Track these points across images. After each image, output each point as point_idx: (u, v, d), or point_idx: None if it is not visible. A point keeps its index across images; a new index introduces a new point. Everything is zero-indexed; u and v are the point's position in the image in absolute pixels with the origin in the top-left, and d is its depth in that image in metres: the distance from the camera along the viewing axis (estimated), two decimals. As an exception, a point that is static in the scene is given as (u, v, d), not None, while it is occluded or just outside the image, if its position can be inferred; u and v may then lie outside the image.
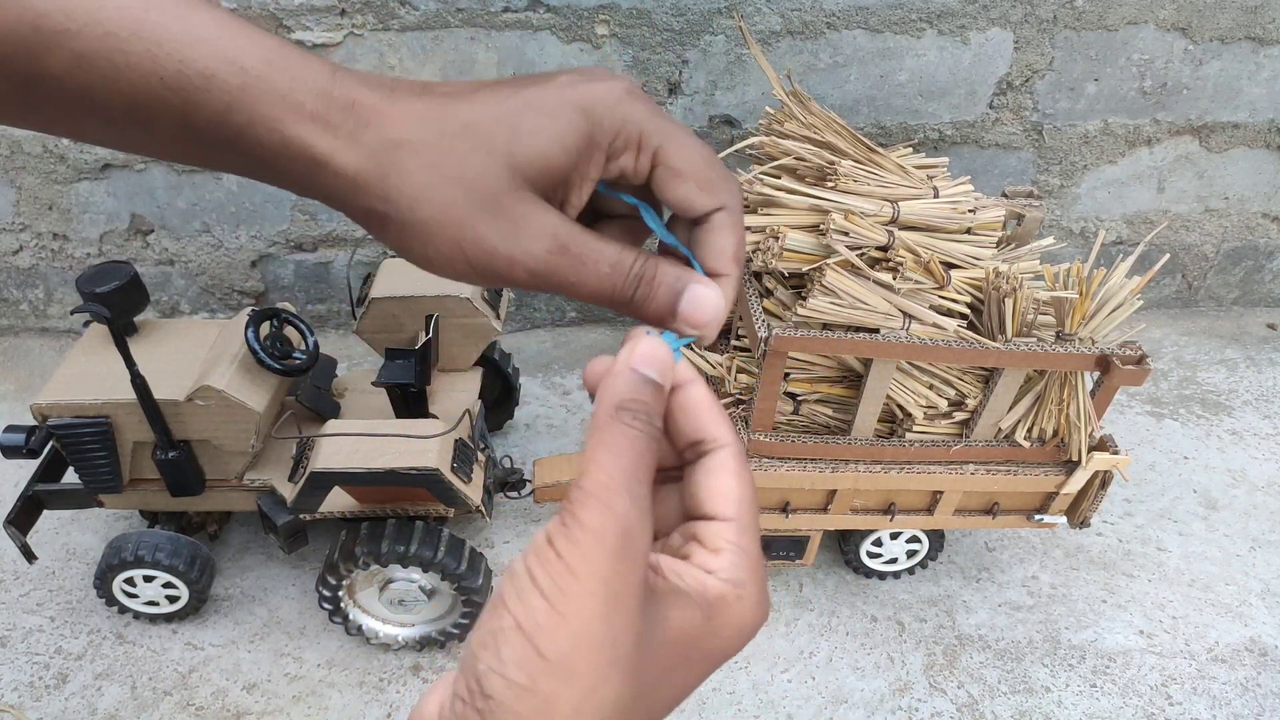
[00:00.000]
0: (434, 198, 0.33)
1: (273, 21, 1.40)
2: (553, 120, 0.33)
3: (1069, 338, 0.99)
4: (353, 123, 0.33)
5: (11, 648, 1.19)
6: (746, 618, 0.32)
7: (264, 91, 0.32)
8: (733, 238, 0.35)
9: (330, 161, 0.32)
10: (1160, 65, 1.59)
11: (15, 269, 1.68)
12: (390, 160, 0.33)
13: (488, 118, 0.33)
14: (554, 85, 0.33)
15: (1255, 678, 1.22)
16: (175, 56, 0.31)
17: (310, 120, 0.32)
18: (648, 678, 0.29)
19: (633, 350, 0.33)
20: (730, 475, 0.33)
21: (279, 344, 1.09)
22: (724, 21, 1.45)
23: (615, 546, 0.29)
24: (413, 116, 0.33)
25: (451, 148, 0.33)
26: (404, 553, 1.07)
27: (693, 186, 0.35)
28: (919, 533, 1.24)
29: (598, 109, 0.33)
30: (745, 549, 0.32)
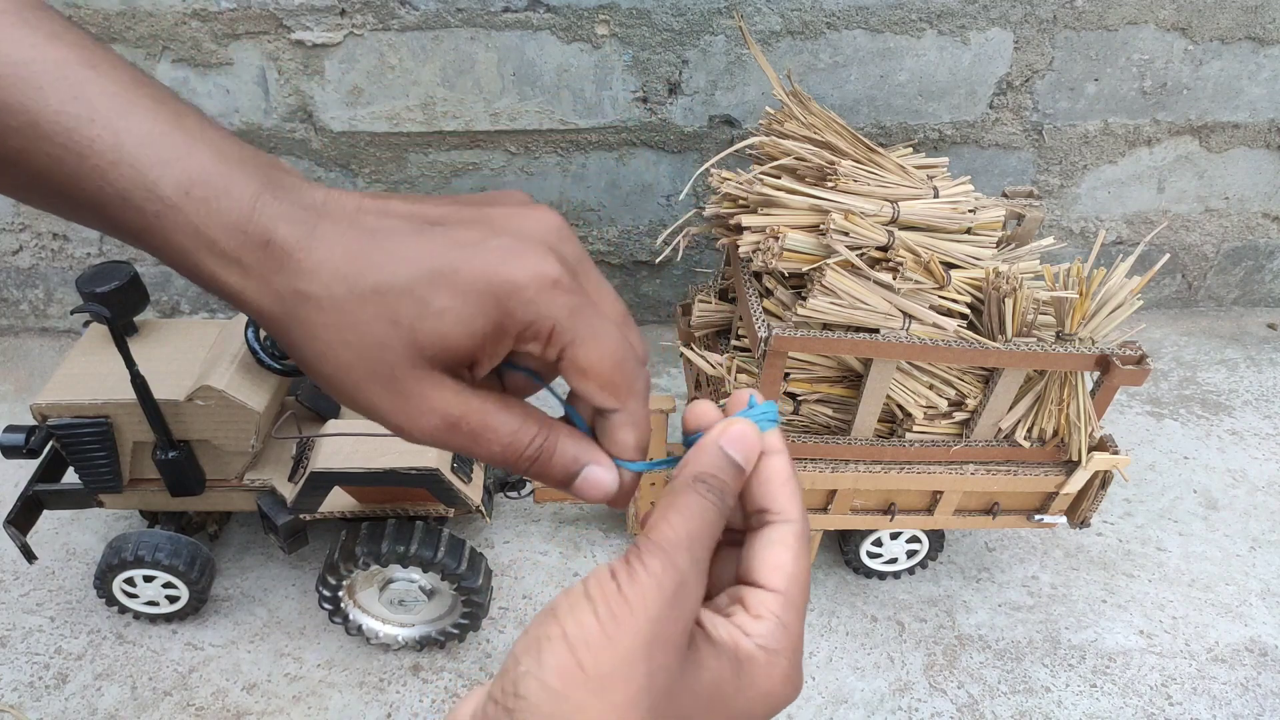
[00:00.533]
0: (333, 359, 0.33)
1: (273, 21, 1.40)
2: (463, 304, 0.32)
3: (1069, 338, 0.99)
4: (265, 265, 0.32)
5: (11, 648, 1.19)
6: (775, 686, 0.32)
7: (178, 224, 0.31)
8: (632, 434, 0.36)
9: (242, 297, 0.32)
10: (1160, 65, 1.59)
11: (15, 269, 1.68)
12: (296, 313, 0.32)
13: (400, 284, 0.32)
14: (480, 254, 0.32)
15: (1255, 678, 1.22)
16: (98, 173, 0.31)
17: (221, 257, 0.32)
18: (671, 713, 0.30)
19: (725, 429, 0.35)
20: (788, 550, 0.34)
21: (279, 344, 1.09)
22: (724, 21, 1.45)
23: (670, 594, 0.30)
24: (326, 268, 0.32)
25: (356, 313, 0.32)
26: (404, 553, 1.07)
27: (594, 387, 0.34)
28: (919, 533, 1.24)
29: (512, 301, 0.32)
30: (787, 624, 0.33)
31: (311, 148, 1.54)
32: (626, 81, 1.50)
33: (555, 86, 1.49)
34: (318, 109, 1.50)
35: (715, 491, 0.33)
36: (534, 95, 1.50)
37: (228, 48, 1.42)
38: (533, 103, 1.51)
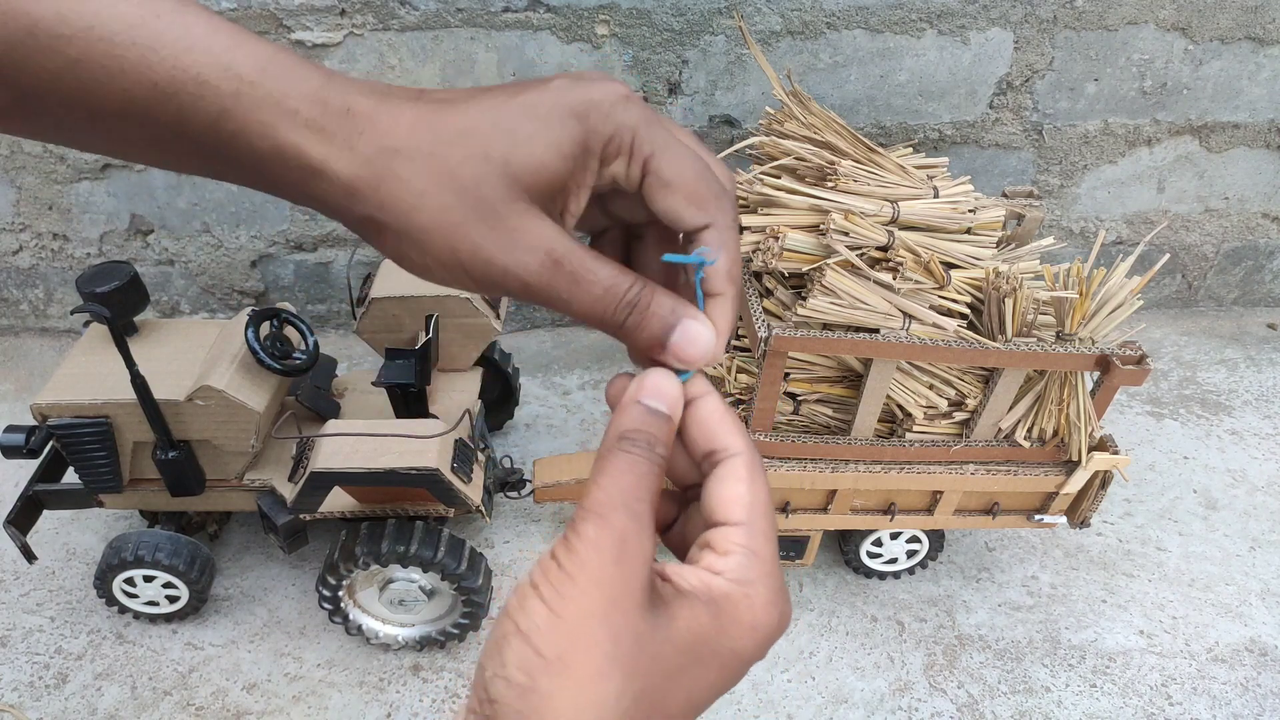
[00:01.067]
0: (430, 205, 0.32)
1: (273, 21, 1.40)
2: (548, 126, 0.32)
3: (1069, 338, 0.99)
4: (347, 129, 0.32)
5: (11, 648, 1.19)
6: (758, 616, 0.32)
7: (258, 98, 0.32)
8: (725, 256, 0.34)
9: (324, 169, 0.32)
10: (1160, 65, 1.59)
11: (15, 269, 1.68)
12: (386, 167, 0.32)
13: (484, 124, 0.32)
14: (550, 90, 0.33)
15: (1255, 678, 1.22)
16: (169, 62, 0.31)
17: (304, 127, 0.32)
18: (655, 677, 0.30)
19: (640, 383, 0.34)
20: (740, 482, 0.34)
21: (279, 344, 1.09)
22: (724, 21, 1.45)
23: (612, 554, 0.30)
24: (408, 122, 0.32)
25: (447, 154, 0.32)
26: (404, 553, 1.07)
27: (680, 200, 0.34)
28: (919, 533, 1.24)
29: (592, 114, 0.32)
30: (755, 551, 0.33)
31: (311, 148, 1.54)
32: (627, 81, 1.50)
33: (555, 86, 1.49)
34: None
35: (642, 445, 0.33)
36: (534, 95, 1.50)
37: (228, 48, 1.42)
38: (533, 103, 1.51)
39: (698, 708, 0.31)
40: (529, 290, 0.33)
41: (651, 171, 0.33)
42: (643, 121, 0.33)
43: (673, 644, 0.30)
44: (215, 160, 0.33)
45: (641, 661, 0.30)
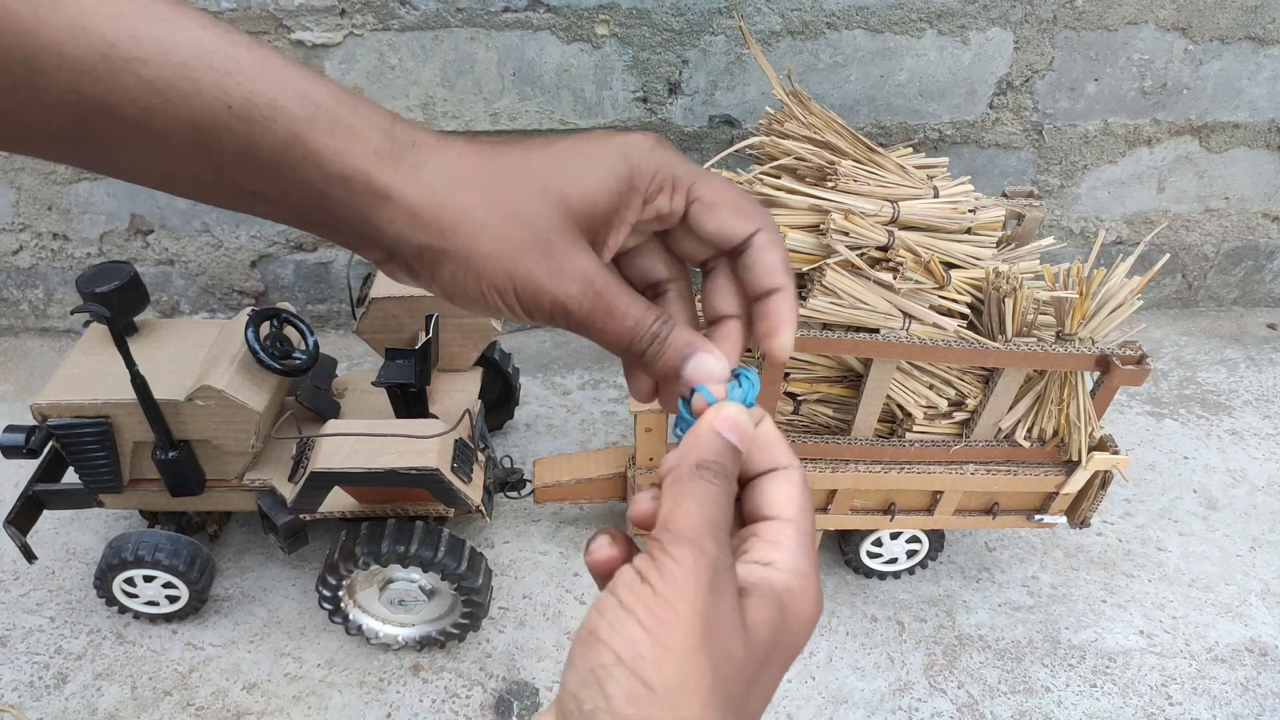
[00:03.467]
0: (491, 232, 0.35)
1: (272, 21, 1.40)
2: (598, 164, 0.36)
3: (1069, 338, 0.99)
4: (414, 159, 0.35)
5: (11, 648, 1.19)
6: (811, 610, 0.33)
7: (331, 123, 0.34)
8: (778, 253, 0.38)
9: (391, 194, 0.34)
10: (1160, 65, 1.59)
11: (15, 269, 1.68)
12: (450, 194, 0.35)
13: (540, 161, 0.36)
14: (594, 137, 0.37)
15: (1255, 678, 1.22)
16: (245, 86, 0.33)
17: (374, 154, 0.34)
18: (743, 688, 0.31)
19: (718, 414, 0.36)
20: (795, 486, 0.36)
21: (279, 344, 1.09)
22: (724, 21, 1.45)
23: (708, 582, 0.30)
24: (469, 156, 0.35)
25: (508, 186, 0.35)
26: (404, 553, 1.07)
27: (729, 213, 0.37)
28: (919, 533, 1.24)
29: (634, 155, 0.36)
30: (806, 549, 0.34)
31: (311, 148, 1.54)
32: (626, 81, 1.50)
33: (555, 86, 1.49)
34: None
35: (720, 476, 0.34)
36: (534, 95, 1.50)
37: (228, 48, 1.42)
38: (533, 103, 1.51)
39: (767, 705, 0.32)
40: (569, 317, 0.36)
41: (696, 198, 0.37)
42: (679, 160, 0.37)
43: (753, 651, 0.31)
44: (274, 185, 0.34)
45: (736, 683, 0.30)
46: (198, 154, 0.34)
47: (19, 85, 0.32)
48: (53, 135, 0.34)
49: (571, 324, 0.37)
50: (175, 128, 0.33)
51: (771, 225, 0.38)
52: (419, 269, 0.36)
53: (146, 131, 0.33)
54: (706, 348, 0.38)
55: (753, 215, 0.38)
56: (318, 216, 0.35)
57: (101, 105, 0.33)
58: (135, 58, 0.32)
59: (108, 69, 0.32)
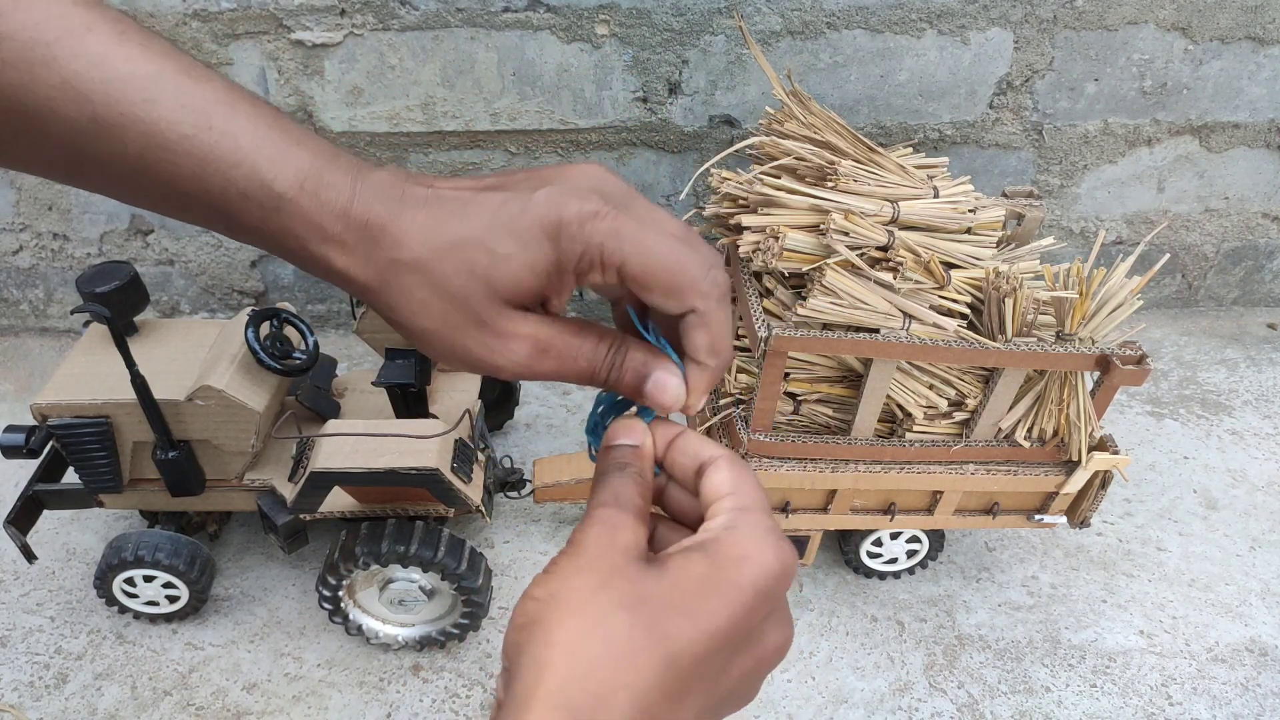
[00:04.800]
0: (430, 311, 0.38)
1: (273, 21, 1.40)
2: (524, 247, 0.36)
3: (1069, 338, 0.99)
4: (365, 244, 0.37)
5: (11, 648, 1.19)
6: (746, 548, 0.35)
7: (294, 216, 0.36)
8: (705, 335, 0.39)
9: (347, 274, 0.38)
10: (1160, 65, 1.59)
11: (15, 269, 1.68)
12: (394, 277, 0.37)
13: (473, 237, 0.37)
14: (532, 204, 0.37)
15: (1255, 678, 1.22)
16: (221, 175, 0.35)
17: (331, 242, 0.37)
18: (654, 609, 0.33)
19: (610, 433, 0.41)
20: (721, 470, 0.38)
21: (279, 344, 1.09)
22: (724, 21, 1.45)
23: (603, 536, 0.35)
24: (414, 233, 0.37)
25: (442, 267, 0.37)
26: (404, 553, 1.07)
27: (659, 296, 0.37)
28: (919, 533, 1.24)
29: (562, 237, 0.36)
30: (741, 507, 0.37)
31: (311, 148, 1.54)
32: (626, 81, 1.50)
33: (555, 86, 1.49)
34: (318, 109, 1.50)
35: (621, 464, 0.39)
36: (534, 95, 1.50)
37: (228, 48, 1.42)
38: (533, 103, 1.51)
39: (714, 638, 0.33)
40: (525, 373, 0.39)
41: (625, 276, 0.37)
42: (610, 236, 0.36)
43: (670, 584, 0.34)
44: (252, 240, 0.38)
45: (636, 597, 0.33)
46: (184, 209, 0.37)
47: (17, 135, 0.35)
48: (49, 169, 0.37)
49: (531, 377, 0.39)
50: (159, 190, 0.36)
51: (705, 303, 0.38)
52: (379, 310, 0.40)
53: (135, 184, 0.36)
54: (663, 365, 0.40)
55: (685, 295, 0.37)
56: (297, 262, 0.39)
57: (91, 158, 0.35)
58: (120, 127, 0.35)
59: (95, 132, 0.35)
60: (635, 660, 0.31)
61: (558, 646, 0.31)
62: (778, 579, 0.35)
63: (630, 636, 0.31)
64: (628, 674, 0.31)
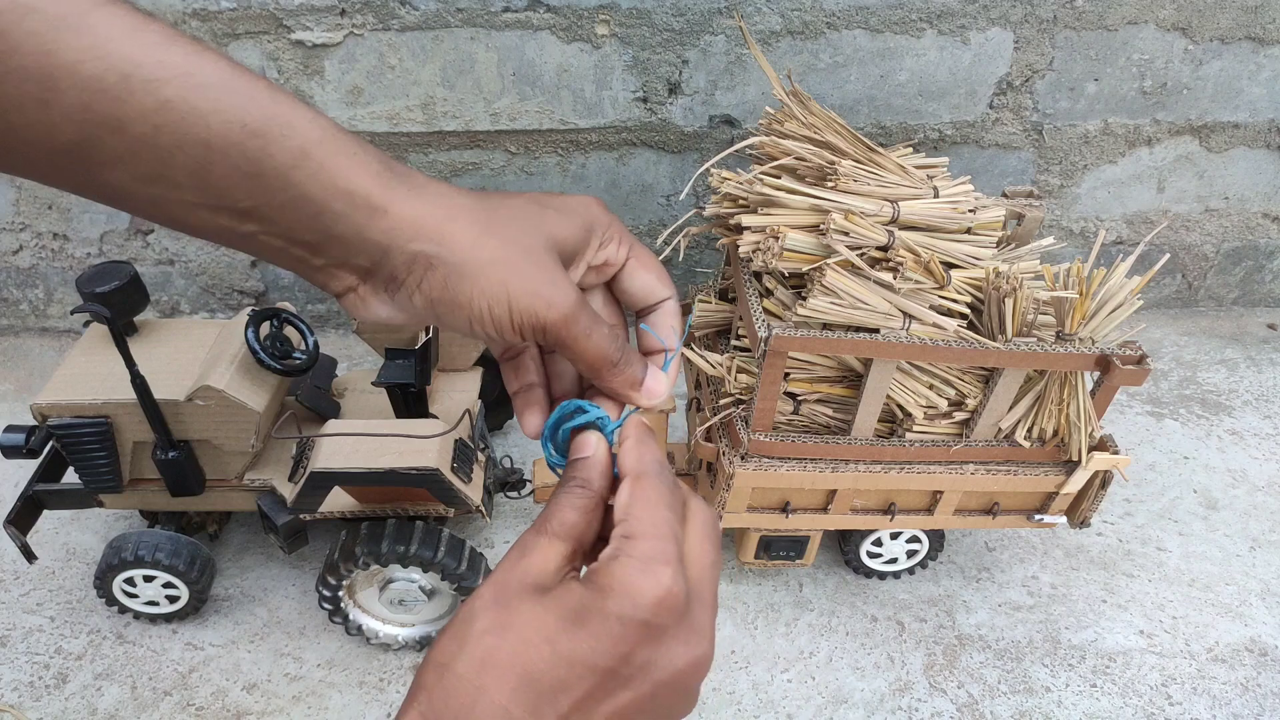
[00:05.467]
0: (490, 246, 0.40)
1: (273, 21, 1.40)
2: (568, 213, 0.44)
3: (1069, 338, 0.99)
4: (410, 184, 0.40)
5: (11, 648, 1.19)
6: (629, 581, 0.37)
7: (338, 146, 0.38)
8: (678, 320, 0.49)
9: (390, 208, 0.39)
10: (1160, 65, 1.59)
11: (15, 269, 1.68)
12: (448, 214, 0.40)
13: (521, 205, 0.43)
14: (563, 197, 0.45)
15: (1255, 678, 1.22)
16: (263, 108, 0.37)
17: (375, 175, 0.39)
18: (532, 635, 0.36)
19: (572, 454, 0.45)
20: (623, 494, 0.41)
21: (279, 344, 1.09)
22: (724, 21, 1.45)
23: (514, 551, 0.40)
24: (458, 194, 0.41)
25: (500, 218, 0.42)
26: (404, 553, 1.07)
27: (654, 278, 0.48)
28: (919, 533, 1.24)
29: (593, 210, 0.45)
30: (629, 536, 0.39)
31: (311, 148, 1.54)
32: (626, 81, 1.50)
33: (555, 86, 1.49)
34: (318, 109, 1.50)
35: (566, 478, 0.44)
36: (534, 95, 1.50)
37: (228, 47, 1.42)
38: (533, 103, 1.51)
39: (575, 665, 0.36)
40: (563, 318, 0.42)
41: (634, 256, 0.47)
42: (623, 228, 0.47)
43: (542, 613, 0.37)
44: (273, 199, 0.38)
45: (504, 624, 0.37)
46: (198, 171, 0.37)
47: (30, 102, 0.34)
48: (52, 151, 0.36)
49: (561, 330, 0.42)
50: (183, 144, 0.36)
51: (675, 295, 0.49)
52: (405, 277, 0.40)
53: (153, 148, 0.36)
54: (657, 363, 0.48)
55: (669, 285, 0.49)
56: (306, 233, 0.39)
57: (112, 122, 0.35)
58: (157, 79, 0.35)
59: (125, 88, 0.35)
60: (491, 684, 0.35)
61: (430, 668, 0.36)
62: (654, 608, 0.37)
63: (489, 663, 0.35)
64: (486, 695, 0.34)
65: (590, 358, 0.43)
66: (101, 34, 0.35)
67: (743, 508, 1.13)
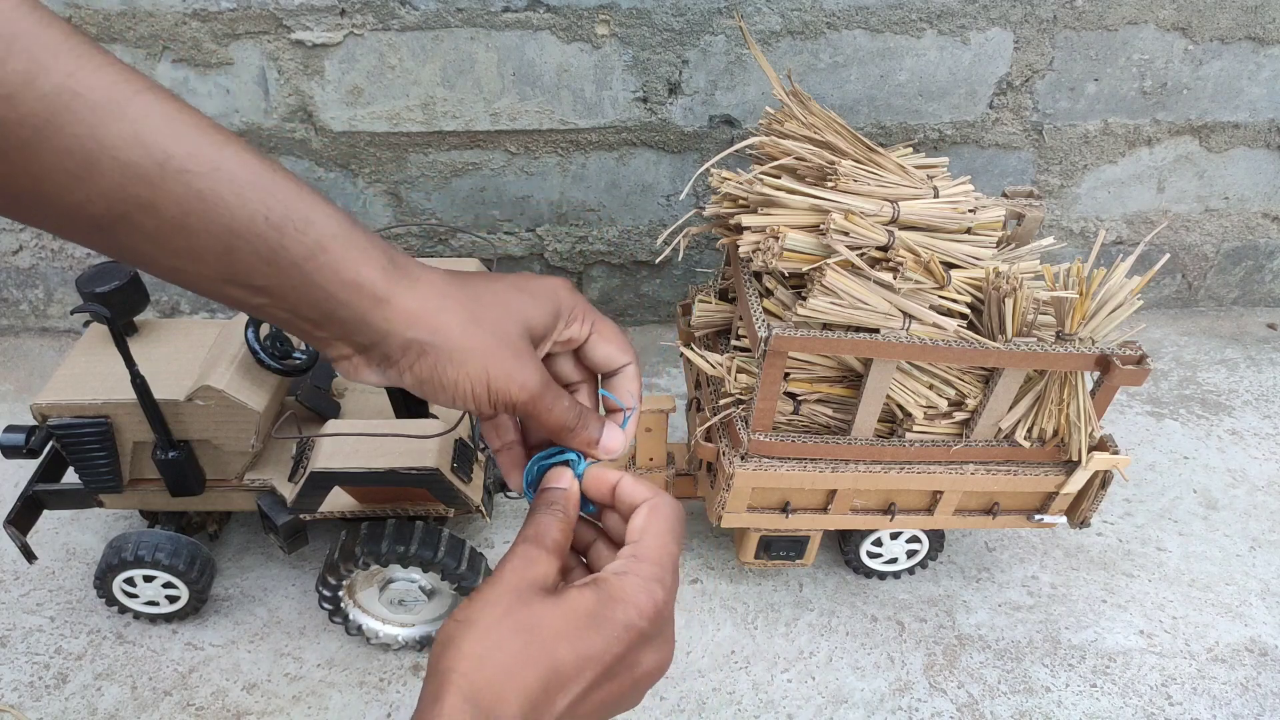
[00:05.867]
0: (475, 333, 0.47)
1: (273, 21, 1.40)
2: (540, 299, 0.51)
3: (1069, 338, 0.99)
4: (409, 278, 0.46)
5: (11, 648, 1.19)
6: (629, 594, 0.45)
7: (351, 242, 0.44)
8: (636, 384, 0.56)
9: (391, 299, 0.45)
10: (1160, 65, 1.59)
11: (15, 269, 1.68)
12: (440, 305, 0.47)
13: (503, 292, 0.50)
14: (529, 277, 0.53)
15: (1255, 678, 1.22)
16: (283, 202, 0.42)
17: (381, 270, 0.45)
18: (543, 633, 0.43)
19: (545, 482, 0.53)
20: (639, 516, 0.50)
21: (279, 344, 1.09)
22: (724, 21, 1.45)
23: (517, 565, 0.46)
24: (448, 284, 0.48)
25: (485, 305, 0.49)
26: (404, 553, 1.07)
27: (614, 349, 0.55)
28: (919, 533, 1.24)
29: (560, 294, 0.52)
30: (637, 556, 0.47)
31: (311, 148, 1.54)
32: (626, 81, 1.50)
33: (555, 86, 1.49)
34: (318, 109, 1.50)
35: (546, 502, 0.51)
36: (534, 95, 1.50)
37: (228, 48, 1.42)
38: (533, 103, 1.51)
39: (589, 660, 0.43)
40: (531, 398, 0.49)
41: (596, 331, 0.54)
42: (587, 305, 0.54)
43: (560, 614, 0.43)
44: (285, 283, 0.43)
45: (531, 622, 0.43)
46: (221, 253, 0.42)
47: (70, 178, 0.38)
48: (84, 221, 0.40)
49: (526, 408, 0.50)
50: (209, 229, 0.41)
51: (635, 360, 0.57)
52: (399, 358, 0.47)
53: (181, 230, 0.40)
54: (612, 423, 0.55)
55: (629, 352, 0.56)
56: (312, 312, 0.45)
57: (145, 203, 0.39)
58: (189, 170, 0.39)
59: (160, 175, 0.39)
60: (524, 671, 0.41)
61: (466, 657, 0.41)
62: (651, 618, 0.45)
63: (524, 654, 0.41)
64: (518, 680, 0.41)
65: (552, 426, 0.51)
66: (141, 122, 0.38)
67: (743, 508, 1.13)
